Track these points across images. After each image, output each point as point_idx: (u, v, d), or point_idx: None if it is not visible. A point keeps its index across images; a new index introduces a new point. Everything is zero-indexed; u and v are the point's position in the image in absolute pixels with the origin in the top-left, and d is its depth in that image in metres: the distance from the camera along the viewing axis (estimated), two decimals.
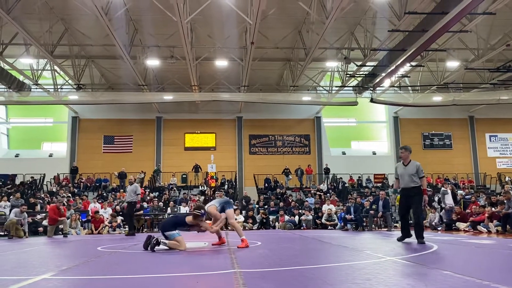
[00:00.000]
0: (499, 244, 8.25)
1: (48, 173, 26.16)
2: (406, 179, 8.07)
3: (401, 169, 8.25)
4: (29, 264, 5.93)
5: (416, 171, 8.03)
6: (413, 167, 8.10)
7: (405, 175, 8.11)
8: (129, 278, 4.40)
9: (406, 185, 8.07)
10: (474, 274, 4.03)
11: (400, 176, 8.23)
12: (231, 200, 8.69)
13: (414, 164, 8.17)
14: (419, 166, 8.09)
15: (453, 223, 14.70)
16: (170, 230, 7.38)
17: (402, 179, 8.18)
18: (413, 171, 8.06)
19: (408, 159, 8.26)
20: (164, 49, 21.08)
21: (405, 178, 8.10)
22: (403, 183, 8.13)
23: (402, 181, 8.17)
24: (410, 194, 8.05)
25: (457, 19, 14.35)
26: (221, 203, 8.24)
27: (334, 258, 5.99)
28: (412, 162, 8.21)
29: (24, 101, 24.38)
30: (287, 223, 18.08)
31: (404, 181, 8.11)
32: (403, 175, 8.14)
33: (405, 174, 8.10)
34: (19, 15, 16.69)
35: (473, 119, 30.25)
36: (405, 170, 8.15)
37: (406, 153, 8.26)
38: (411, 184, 8.02)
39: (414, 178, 7.99)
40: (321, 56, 21.87)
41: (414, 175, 8.02)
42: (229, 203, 8.35)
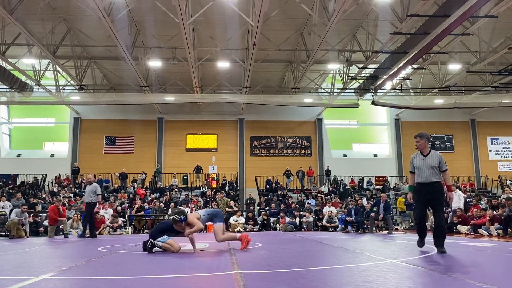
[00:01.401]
0: (500, 247, 8.23)
1: (50, 173, 26.20)
2: (426, 172, 6.66)
3: (419, 161, 6.82)
4: (30, 264, 5.94)
5: (439, 163, 6.68)
6: (434, 158, 6.73)
7: (424, 168, 6.71)
8: (130, 279, 4.40)
9: (426, 179, 6.64)
10: (476, 277, 4.03)
11: (418, 169, 6.79)
12: (221, 213, 7.87)
13: (436, 154, 6.79)
14: (441, 157, 6.77)
15: (454, 226, 14.68)
16: (158, 236, 7.31)
17: (420, 172, 6.74)
18: (434, 162, 6.68)
19: (427, 149, 6.87)
20: (166, 50, 21.12)
21: (424, 171, 6.69)
22: (422, 177, 6.70)
23: (420, 175, 6.73)
24: (431, 191, 6.61)
25: (459, 22, 14.34)
26: (209, 214, 7.64)
27: (335, 260, 5.98)
28: (433, 152, 6.82)
29: (26, 102, 24.44)
30: (288, 225, 18.07)
31: (424, 174, 6.69)
32: (422, 167, 6.73)
33: (425, 166, 6.71)
34: (22, 15, 16.76)
35: (475, 122, 30.21)
36: (424, 161, 6.75)
37: (422, 141, 6.87)
38: (433, 178, 6.62)
39: (436, 171, 6.65)
40: (323, 58, 21.89)
41: (435, 168, 6.66)
42: (218, 216, 7.57)
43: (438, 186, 6.64)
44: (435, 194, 6.59)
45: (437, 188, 6.62)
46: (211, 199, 20.50)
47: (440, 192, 6.62)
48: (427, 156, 6.77)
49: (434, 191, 6.59)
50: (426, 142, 6.88)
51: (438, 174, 6.64)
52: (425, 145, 6.87)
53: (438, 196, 6.63)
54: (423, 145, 6.88)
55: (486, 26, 18.50)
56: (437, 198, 6.62)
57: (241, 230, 17.34)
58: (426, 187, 6.64)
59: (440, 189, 6.62)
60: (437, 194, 6.61)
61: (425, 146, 6.87)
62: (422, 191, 6.71)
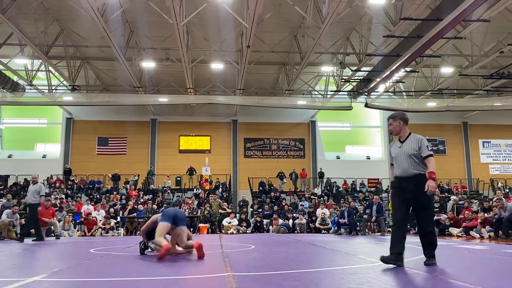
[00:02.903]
0: (491, 249, 8.29)
1: (41, 174, 25.85)
2: (404, 163, 5.15)
3: (395, 149, 5.33)
4: (21, 266, 5.88)
5: (419, 148, 5.10)
6: (413, 143, 5.16)
7: (401, 157, 5.19)
8: (122, 280, 4.38)
9: (404, 172, 5.14)
10: (467, 280, 4.05)
11: (395, 159, 5.31)
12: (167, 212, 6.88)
13: (416, 138, 5.20)
14: (422, 140, 5.15)
15: (446, 228, 14.77)
16: (152, 238, 7.20)
17: (397, 163, 5.25)
18: (413, 149, 5.12)
19: (404, 133, 5.31)
20: (160, 51, 21.07)
21: (401, 161, 5.18)
22: (400, 169, 5.20)
23: (398, 167, 5.23)
24: (411, 187, 5.08)
25: (451, 25, 14.46)
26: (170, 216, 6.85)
27: (328, 262, 5.99)
28: (412, 136, 5.25)
29: (18, 102, 24.24)
30: (281, 227, 18.07)
31: (401, 166, 5.17)
32: (398, 157, 5.22)
33: (402, 155, 5.19)
34: (14, 15, 16.62)
35: (467, 125, 30.45)
36: (401, 149, 5.23)
37: (396, 123, 5.30)
38: (412, 170, 5.09)
39: (417, 161, 5.08)
40: (316, 60, 21.95)
41: (415, 156, 5.09)
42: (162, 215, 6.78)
43: (421, 180, 5.02)
44: (416, 191, 5.02)
45: (418, 183, 5.01)
46: (204, 200, 20.44)
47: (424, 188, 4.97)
48: (404, 142, 5.26)
49: (415, 187, 5.02)
50: (401, 124, 5.30)
51: (421, 165, 5.08)
52: (400, 128, 5.30)
53: (421, 194, 5.00)
54: (397, 128, 5.32)
55: (478, 30, 18.68)
56: (418, 196, 5.03)
57: (234, 232, 17.33)
58: (404, 182, 5.15)
59: (423, 184, 4.98)
60: (419, 192, 5.00)
61: (401, 130, 5.31)
62: (399, 187, 5.23)
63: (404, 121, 5.32)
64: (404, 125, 5.31)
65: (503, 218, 12.24)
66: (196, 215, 18.78)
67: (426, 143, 5.13)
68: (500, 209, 12.52)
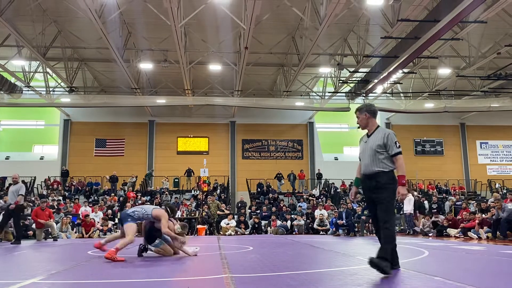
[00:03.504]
0: (489, 250, 8.30)
1: (39, 176, 25.92)
2: (366, 159, 4.73)
3: (362, 144, 4.96)
4: (18, 268, 5.86)
5: (384, 144, 4.63)
6: (378, 138, 4.70)
7: (365, 153, 4.77)
8: (119, 282, 4.36)
9: (366, 169, 4.73)
10: (465, 280, 4.05)
11: (361, 154, 4.90)
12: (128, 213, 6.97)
13: (383, 132, 4.75)
14: (390, 135, 4.66)
15: (444, 229, 14.79)
16: (152, 240, 7.20)
17: (362, 159, 4.86)
18: (376, 144, 4.67)
19: (371, 126, 4.86)
20: (158, 53, 21.06)
21: (365, 157, 4.77)
22: (363, 166, 4.79)
23: (362, 163, 4.84)
24: (371, 186, 4.67)
25: (449, 27, 14.51)
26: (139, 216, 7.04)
27: (326, 263, 5.98)
28: (380, 129, 4.81)
29: (16, 103, 24.19)
30: (279, 228, 18.06)
31: (364, 162, 4.76)
32: (363, 152, 4.82)
33: (366, 150, 4.77)
34: (11, 16, 16.60)
35: (464, 126, 30.52)
36: (366, 144, 4.83)
37: (362, 115, 4.89)
38: (374, 167, 4.63)
39: (380, 157, 4.61)
40: (314, 62, 21.97)
41: (379, 152, 4.63)
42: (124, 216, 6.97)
43: (382, 179, 4.57)
44: (376, 190, 4.60)
45: (379, 182, 4.57)
46: (202, 202, 20.42)
47: (384, 187, 4.55)
48: (370, 136, 4.83)
49: (376, 186, 4.60)
50: (368, 117, 4.84)
51: (385, 161, 4.60)
52: (367, 121, 4.86)
53: (379, 193, 4.57)
54: (363, 121, 4.88)
55: (476, 31, 18.74)
56: (378, 195, 4.58)
57: (232, 233, 17.31)
58: (367, 181, 4.75)
59: (384, 184, 4.56)
60: (379, 191, 4.57)
61: (368, 123, 4.86)
62: (364, 187, 4.85)
63: (370, 113, 4.84)
64: (371, 118, 4.85)
65: (501, 219, 12.26)
66: (194, 216, 18.76)
67: (394, 139, 4.62)
68: (498, 210, 12.54)
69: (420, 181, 27.26)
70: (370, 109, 4.87)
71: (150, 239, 7.19)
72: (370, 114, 4.84)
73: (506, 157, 30.69)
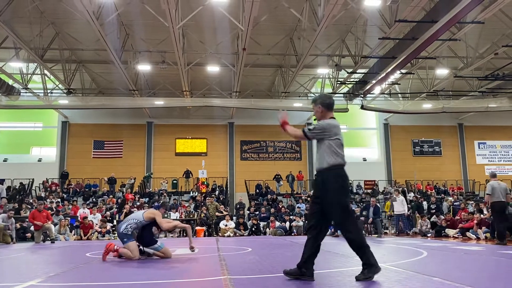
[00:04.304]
0: (487, 250, 8.31)
1: (37, 178, 25.86)
2: (317, 155, 4.47)
3: None
4: (16, 270, 5.84)
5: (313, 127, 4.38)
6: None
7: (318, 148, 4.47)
8: (118, 284, 4.35)
9: (316, 165, 4.46)
10: (463, 281, 4.06)
11: None
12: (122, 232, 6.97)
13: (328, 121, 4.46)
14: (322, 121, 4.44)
15: (443, 229, 14.81)
16: (152, 243, 7.22)
17: None
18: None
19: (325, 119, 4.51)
20: (156, 54, 21.06)
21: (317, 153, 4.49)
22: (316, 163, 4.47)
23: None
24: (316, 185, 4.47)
25: (446, 27, 14.53)
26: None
27: (325, 264, 5.98)
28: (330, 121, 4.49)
29: (13, 105, 24.13)
30: (278, 229, 18.06)
31: (317, 157, 4.48)
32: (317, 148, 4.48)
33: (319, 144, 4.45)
34: (9, 18, 16.58)
35: (462, 126, 30.57)
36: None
37: (316, 108, 4.56)
38: (319, 165, 4.37)
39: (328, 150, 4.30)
40: (312, 63, 21.99)
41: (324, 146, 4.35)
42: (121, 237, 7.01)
43: (327, 176, 4.26)
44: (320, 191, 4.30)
45: (323, 179, 4.27)
46: (200, 203, 20.41)
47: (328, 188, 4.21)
48: None
49: (320, 185, 4.30)
50: (322, 110, 4.53)
51: (333, 156, 4.26)
52: (321, 114, 4.54)
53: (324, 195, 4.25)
54: (318, 114, 4.57)
55: (473, 32, 18.78)
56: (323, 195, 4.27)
57: (231, 234, 17.29)
58: (316, 177, 4.46)
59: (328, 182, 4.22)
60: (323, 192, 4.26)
61: (322, 116, 4.54)
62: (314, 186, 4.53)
63: (324, 106, 4.52)
64: (326, 111, 4.52)
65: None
66: (193, 218, 18.74)
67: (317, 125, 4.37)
68: None
69: (418, 182, 27.29)
70: (324, 101, 4.55)
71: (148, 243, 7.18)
72: (324, 107, 4.52)
73: (504, 157, 30.75)
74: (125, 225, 7.00)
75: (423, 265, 5.72)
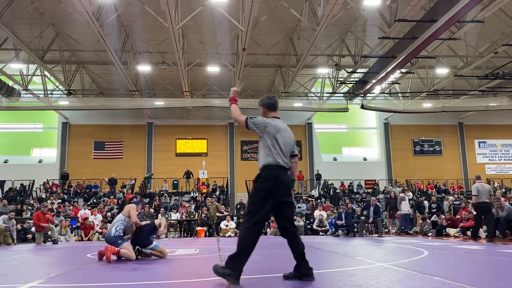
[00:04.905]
0: (488, 249, 8.31)
1: (38, 179, 25.88)
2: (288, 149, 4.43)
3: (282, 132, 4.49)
4: (17, 271, 5.85)
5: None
6: None
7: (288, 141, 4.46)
8: (119, 285, 4.36)
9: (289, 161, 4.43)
10: (464, 280, 4.06)
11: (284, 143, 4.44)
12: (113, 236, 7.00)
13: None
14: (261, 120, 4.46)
15: (443, 228, 14.80)
16: (148, 244, 7.24)
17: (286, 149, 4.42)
18: None
19: None
20: (156, 55, 21.06)
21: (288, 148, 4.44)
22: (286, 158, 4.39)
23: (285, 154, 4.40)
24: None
25: (446, 26, 14.54)
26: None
27: (325, 264, 5.98)
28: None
29: (14, 107, 24.16)
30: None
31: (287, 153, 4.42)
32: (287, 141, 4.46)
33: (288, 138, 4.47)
34: (9, 20, 16.58)
35: (463, 125, 30.56)
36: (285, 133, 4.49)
37: (260, 107, 4.68)
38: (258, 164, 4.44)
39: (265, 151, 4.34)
40: (312, 62, 21.98)
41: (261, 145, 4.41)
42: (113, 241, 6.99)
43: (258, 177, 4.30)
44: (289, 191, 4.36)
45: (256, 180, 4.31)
46: (201, 204, 20.41)
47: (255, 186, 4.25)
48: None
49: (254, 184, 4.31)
50: (263, 110, 4.61)
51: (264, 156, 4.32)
52: (263, 114, 4.62)
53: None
54: (261, 114, 4.65)
55: (473, 31, 18.78)
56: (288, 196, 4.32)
57: (231, 235, 17.30)
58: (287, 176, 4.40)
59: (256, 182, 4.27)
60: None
61: (265, 115, 4.59)
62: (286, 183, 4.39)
63: (265, 106, 4.57)
64: (267, 111, 4.55)
65: (500, 218, 12.27)
66: (194, 218, 18.75)
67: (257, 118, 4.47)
68: (497, 209, 12.54)
69: (419, 181, 27.30)
70: (264, 102, 4.59)
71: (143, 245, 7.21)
72: (265, 108, 4.57)
73: (505, 156, 30.74)
74: (114, 228, 7.04)
75: (424, 264, 5.72)
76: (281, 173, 4.21)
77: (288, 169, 4.30)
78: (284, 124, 4.45)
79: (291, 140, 4.40)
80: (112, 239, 6.90)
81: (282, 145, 4.26)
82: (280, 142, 4.27)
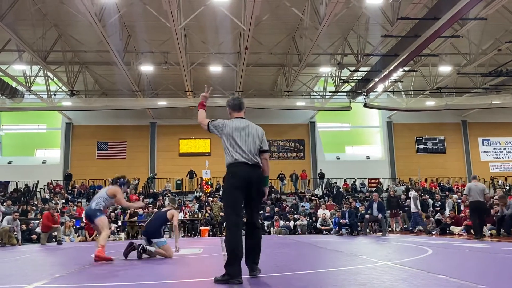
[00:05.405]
0: (492, 247, 8.29)
1: (42, 180, 25.98)
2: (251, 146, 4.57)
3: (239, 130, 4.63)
4: (22, 272, 5.88)
5: None
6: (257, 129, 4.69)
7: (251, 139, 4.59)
8: (123, 285, 4.37)
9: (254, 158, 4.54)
10: (469, 278, 4.05)
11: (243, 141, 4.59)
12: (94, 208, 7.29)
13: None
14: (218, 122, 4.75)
15: (447, 227, 14.76)
16: (158, 236, 7.32)
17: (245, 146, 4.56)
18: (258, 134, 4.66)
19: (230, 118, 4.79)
20: (158, 55, 21.08)
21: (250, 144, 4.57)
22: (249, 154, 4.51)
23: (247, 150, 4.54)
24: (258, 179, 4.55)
25: (449, 24, 14.48)
26: None
27: (329, 263, 5.98)
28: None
29: (17, 108, 24.24)
30: (282, 228, 18.05)
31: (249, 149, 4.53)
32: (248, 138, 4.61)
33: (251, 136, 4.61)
34: (12, 21, 16.62)
35: (466, 123, 30.46)
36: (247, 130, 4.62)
37: (228, 110, 4.88)
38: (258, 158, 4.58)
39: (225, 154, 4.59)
40: (314, 61, 21.96)
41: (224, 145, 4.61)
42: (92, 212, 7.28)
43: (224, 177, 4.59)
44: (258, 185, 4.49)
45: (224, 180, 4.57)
46: (205, 203, 20.43)
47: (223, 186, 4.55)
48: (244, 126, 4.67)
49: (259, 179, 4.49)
50: (228, 110, 4.85)
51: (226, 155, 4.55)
52: (229, 114, 4.84)
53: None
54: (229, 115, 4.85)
55: (476, 28, 18.70)
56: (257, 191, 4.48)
57: None
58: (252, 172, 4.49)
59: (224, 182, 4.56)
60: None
61: (230, 116, 4.81)
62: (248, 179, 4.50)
63: (230, 107, 4.78)
64: (232, 111, 4.75)
65: (505, 216, 12.22)
66: (197, 218, 18.77)
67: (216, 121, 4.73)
68: (502, 207, 12.49)
69: (422, 179, 27.22)
70: (229, 103, 4.81)
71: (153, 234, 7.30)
72: (230, 108, 4.79)
73: (509, 154, 30.61)
74: (94, 203, 7.35)
75: (428, 262, 5.71)
76: (241, 169, 4.33)
77: (255, 164, 4.41)
78: (247, 122, 4.58)
79: (255, 137, 4.48)
80: (92, 212, 7.17)
81: (241, 142, 4.40)
82: (238, 140, 4.41)
